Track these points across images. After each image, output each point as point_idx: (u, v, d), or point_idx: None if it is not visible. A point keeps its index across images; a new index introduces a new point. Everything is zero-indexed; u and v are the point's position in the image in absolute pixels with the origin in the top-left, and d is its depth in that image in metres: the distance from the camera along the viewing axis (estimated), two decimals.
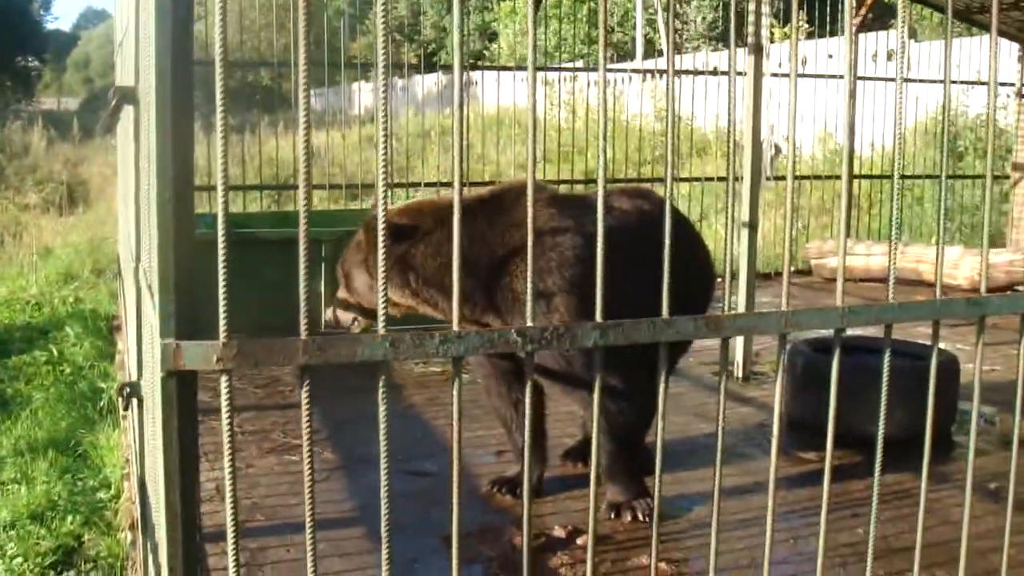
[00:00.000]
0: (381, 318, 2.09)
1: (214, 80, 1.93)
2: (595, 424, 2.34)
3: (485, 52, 35.91)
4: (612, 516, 4.34)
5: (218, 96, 1.94)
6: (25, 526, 4.97)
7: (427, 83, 20.47)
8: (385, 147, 2.07)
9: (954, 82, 11.74)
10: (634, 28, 30.59)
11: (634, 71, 15.71)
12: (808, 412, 5.23)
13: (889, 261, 2.54)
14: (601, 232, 2.22)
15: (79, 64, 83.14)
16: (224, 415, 2.09)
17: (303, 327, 2.08)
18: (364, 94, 24.08)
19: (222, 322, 2.04)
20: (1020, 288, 9.61)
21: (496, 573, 3.89)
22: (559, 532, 4.16)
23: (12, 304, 10.31)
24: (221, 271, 2.00)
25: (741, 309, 6.61)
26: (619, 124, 12.92)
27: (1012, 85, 11.08)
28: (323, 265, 7.60)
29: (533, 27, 2.19)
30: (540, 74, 13.09)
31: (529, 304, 2.19)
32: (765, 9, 6.08)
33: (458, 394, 2.16)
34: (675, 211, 5.14)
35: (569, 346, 2.20)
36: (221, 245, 2.01)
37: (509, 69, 12.96)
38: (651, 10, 29.36)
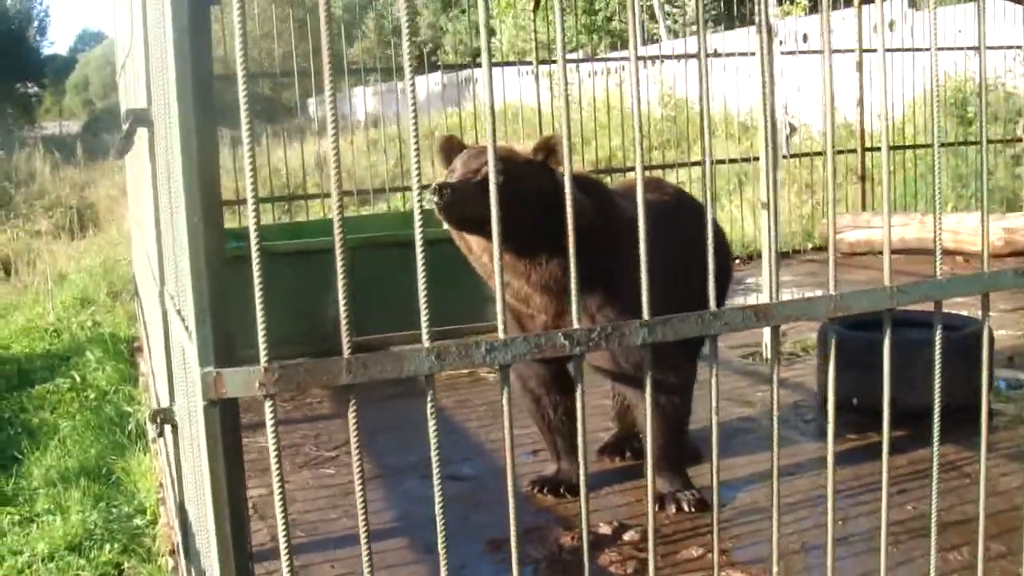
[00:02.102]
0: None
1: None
2: (648, 417, 2.29)
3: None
4: (657, 508, 4.28)
5: (243, 112, 1.89)
6: (64, 557, 4.92)
7: (428, 83, 20.40)
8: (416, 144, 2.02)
9: (955, 48, 11.66)
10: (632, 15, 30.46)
11: (639, 58, 15.59)
12: (843, 391, 5.15)
13: (935, 237, 2.47)
14: (643, 230, 2.16)
15: (79, 86, 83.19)
16: (271, 440, 2.04)
17: (346, 344, 2.03)
18: (364, 99, 24.03)
19: (262, 346, 1.99)
20: None
21: (545, 574, 3.84)
22: (605, 529, 4.10)
23: (31, 332, 10.28)
24: (258, 293, 1.95)
25: (764, 292, 6.58)
26: (624, 112, 12.82)
27: (1019, 48, 11.00)
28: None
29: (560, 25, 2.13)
30: (541, 67, 13.06)
31: (574, 304, 2.14)
32: None
33: (508, 404, 2.11)
34: (691, 199, 5.13)
35: (619, 345, 2.14)
36: (256, 267, 1.96)
37: (511, 64, 12.89)
38: None
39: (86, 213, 18.20)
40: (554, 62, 11.64)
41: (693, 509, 4.22)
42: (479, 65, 15.48)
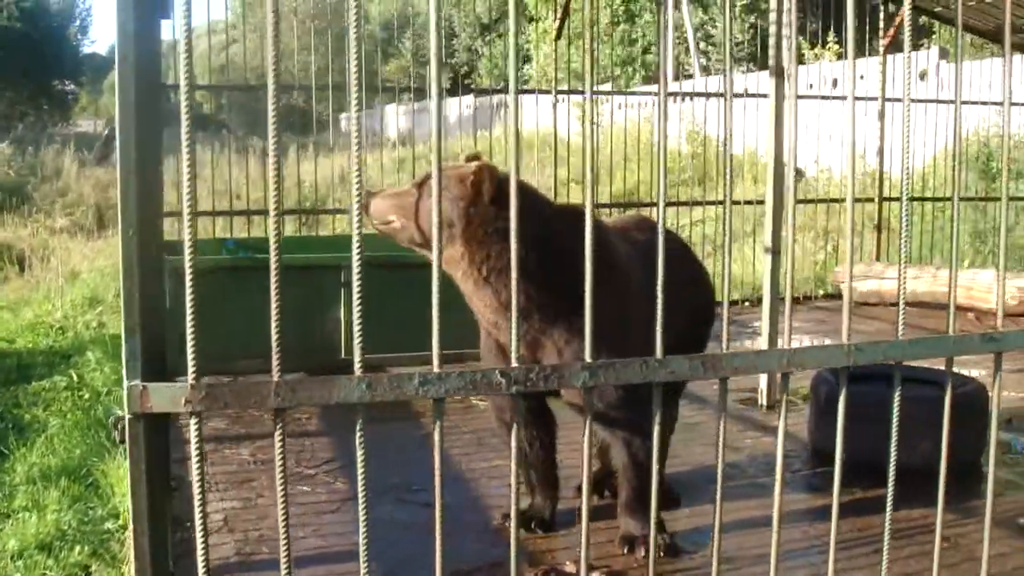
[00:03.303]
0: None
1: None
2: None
3: (520, 74, 35.91)
4: (625, 551, 4.22)
5: (183, 124, 1.86)
6: (33, 556, 4.91)
7: (460, 106, 20.42)
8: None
9: (981, 103, 11.56)
10: (665, 49, 30.50)
11: (669, 94, 15.60)
12: (832, 442, 5.08)
13: (898, 292, 2.41)
14: (589, 270, 2.11)
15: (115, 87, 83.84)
16: (194, 460, 2.00)
17: (276, 367, 1.99)
18: (396, 117, 24.12)
19: (190, 362, 1.96)
20: None
21: None
22: (570, 567, 4.04)
23: (37, 328, 10.31)
24: (188, 306, 1.92)
25: (764, 336, 6.50)
26: (649, 145, 12.80)
27: None
28: (342, 291, 7.54)
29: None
30: (573, 97, 13.04)
31: (514, 343, 2.09)
32: (786, 32, 5.96)
33: (440, 437, 2.07)
34: (678, 240, 5.09)
35: (558, 386, 2.09)
36: (188, 278, 1.93)
37: (546, 92, 12.89)
38: (681, 31, 29.28)
39: (107, 213, 18.25)
40: (578, 92, 11.66)
41: (662, 554, 4.15)
42: (524, 91, 15.51)
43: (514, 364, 2.06)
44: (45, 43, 41.57)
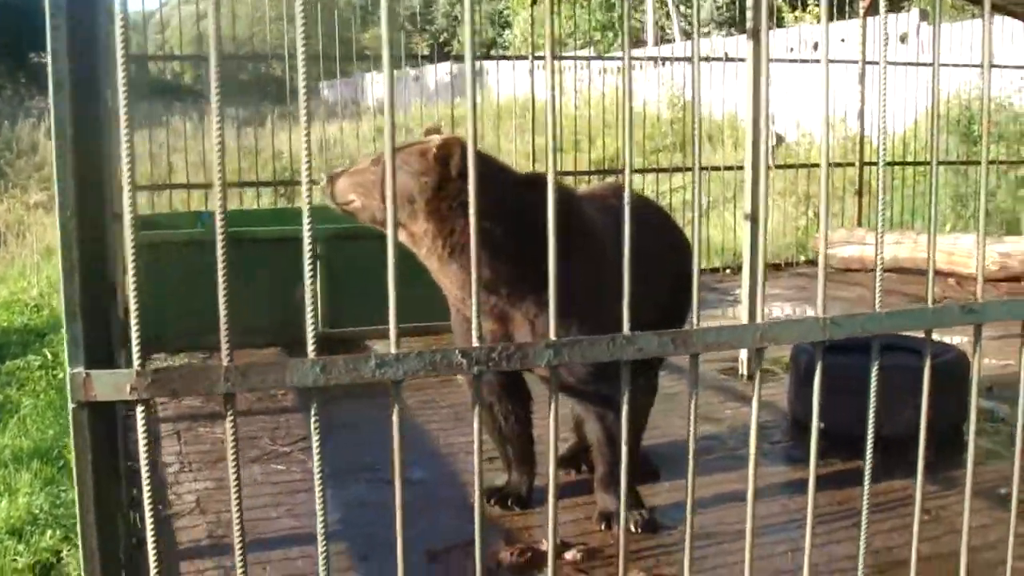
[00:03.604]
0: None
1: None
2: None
3: (498, 40, 35.67)
4: (603, 527, 4.15)
5: (120, 91, 1.77)
6: (3, 541, 4.82)
7: (439, 73, 20.22)
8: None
9: (961, 65, 11.47)
10: (646, 14, 30.32)
11: (648, 58, 15.51)
12: (810, 414, 5.03)
13: (876, 262, 2.33)
14: (552, 242, 2.03)
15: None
16: (142, 451, 1.91)
17: (225, 351, 1.90)
18: (376, 85, 23.93)
19: (135, 348, 1.87)
20: None
21: None
22: (546, 546, 3.97)
23: (12, 306, 10.18)
24: (132, 286, 1.83)
25: (745, 305, 6.42)
26: (632, 112, 12.68)
27: None
28: (318, 263, 7.43)
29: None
30: (555, 62, 12.91)
31: (475, 321, 2.01)
32: None
33: (399, 421, 1.99)
34: (656, 207, 5.02)
35: (520, 366, 2.01)
36: (131, 256, 1.84)
37: (522, 58, 12.76)
38: None
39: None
40: (556, 58, 11.53)
41: (640, 530, 4.09)
42: (492, 57, 15.41)
43: (475, 344, 1.97)
44: (22, 15, 41.15)
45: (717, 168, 11.73)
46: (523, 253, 3.60)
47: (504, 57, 12.25)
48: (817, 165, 11.65)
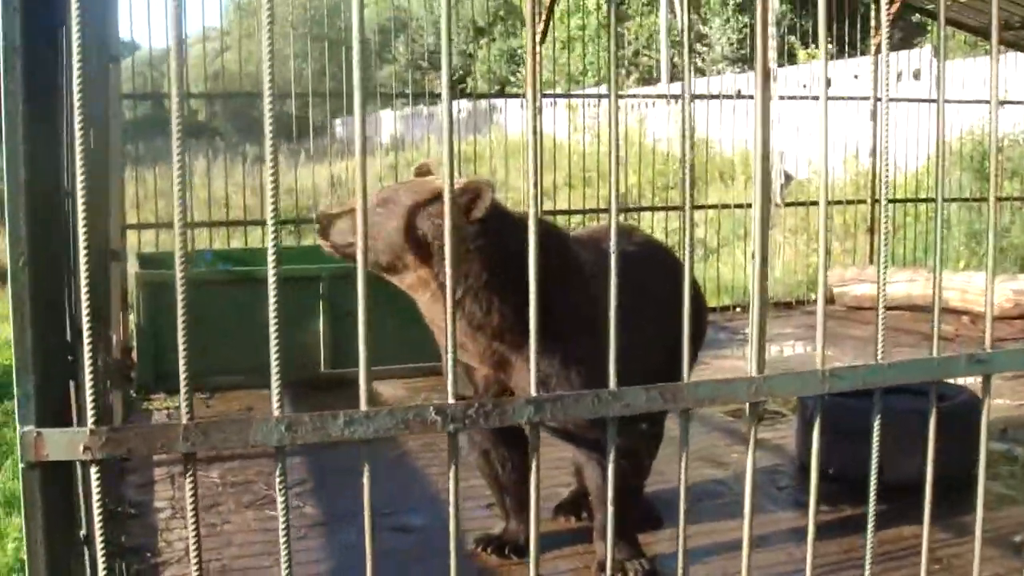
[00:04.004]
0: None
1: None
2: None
3: (512, 79, 35.72)
4: None
5: None
6: None
7: (453, 110, 20.13)
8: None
9: (971, 102, 11.36)
10: (659, 51, 30.33)
11: (657, 96, 15.47)
12: (820, 458, 4.90)
13: (877, 306, 2.22)
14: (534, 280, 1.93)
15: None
16: (96, 517, 1.80)
17: (184, 407, 1.80)
18: (388, 123, 23.94)
19: (90, 405, 1.77)
20: None
21: None
22: None
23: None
24: (87, 342, 1.73)
25: (752, 348, 6.28)
26: (644, 148, 12.63)
27: None
28: (321, 303, 7.35)
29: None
30: (563, 99, 12.86)
31: (449, 376, 1.90)
32: (772, 31, 5.78)
33: (368, 486, 1.88)
34: (664, 251, 4.90)
35: (499, 423, 1.90)
36: (84, 302, 1.74)
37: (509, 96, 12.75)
38: (675, 33, 29.08)
39: None
40: (560, 96, 11.52)
41: None
42: (506, 95, 15.39)
43: (451, 400, 1.87)
44: None
45: (728, 206, 11.63)
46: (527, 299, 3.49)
47: (513, 95, 12.17)
48: (833, 203, 11.55)
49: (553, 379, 3.70)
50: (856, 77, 15.36)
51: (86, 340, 1.74)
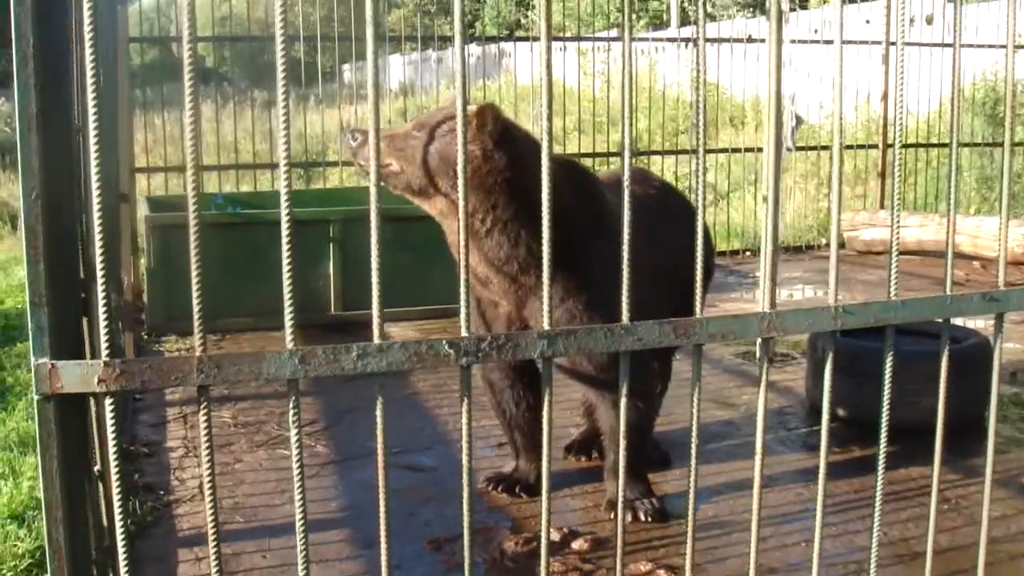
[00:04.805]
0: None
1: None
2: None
3: (522, 21, 35.44)
4: (612, 516, 4.04)
5: None
6: (5, 526, 4.74)
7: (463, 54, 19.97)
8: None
9: (984, 46, 11.25)
10: None
11: (668, 40, 15.34)
12: (831, 399, 4.91)
13: (891, 247, 2.22)
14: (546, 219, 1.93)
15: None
16: (112, 451, 1.81)
17: (198, 340, 1.80)
18: (397, 68, 23.81)
19: (103, 340, 1.77)
20: None
21: None
22: (554, 535, 3.86)
23: (22, 290, 10.12)
24: (99, 273, 1.74)
25: (763, 289, 6.28)
26: (654, 94, 12.54)
27: None
28: (331, 246, 7.36)
29: None
30: (573, 44, 12.78)
31: (463, 311, 1.90)
32: None
33: (382, 417, 1.88)
34: (678, 194, 4.91)
35: (512, 358, 1.90)
36: (98, 240, 1.74)
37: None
38: None
39: None
40: (585, 39, 11.43)
41: (649, 519, 3.98)
42: (515, 38, 15.28)
43: (463, 334, 1.87)
44: None
45: (738, 150, 11.57)
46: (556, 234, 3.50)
47: (523, 39, 12.07)
48: (826, 147, 11.49)
49: (577, 320, 3.71)
50: (868, 22, 15.22)
51: (99, 275, 1.74)
